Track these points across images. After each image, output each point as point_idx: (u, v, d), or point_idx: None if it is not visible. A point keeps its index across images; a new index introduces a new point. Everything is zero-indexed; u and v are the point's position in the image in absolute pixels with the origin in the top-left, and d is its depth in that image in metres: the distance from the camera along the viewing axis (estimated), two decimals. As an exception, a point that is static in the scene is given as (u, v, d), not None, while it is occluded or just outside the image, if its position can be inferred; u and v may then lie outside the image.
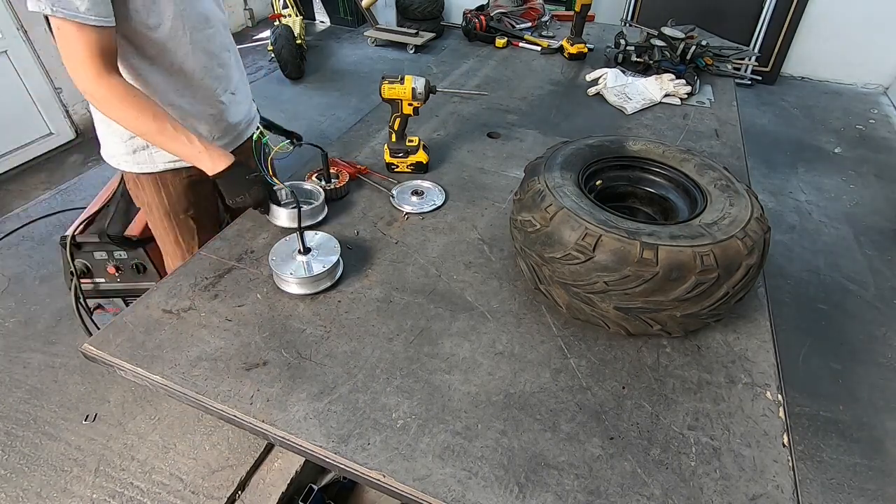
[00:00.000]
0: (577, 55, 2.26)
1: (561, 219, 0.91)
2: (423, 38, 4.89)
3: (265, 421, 0.84)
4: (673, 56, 2.06)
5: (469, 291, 1.09)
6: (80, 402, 1.91)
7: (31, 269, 2.49)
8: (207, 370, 0.92)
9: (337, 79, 4.57)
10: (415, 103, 1.36)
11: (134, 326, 1.00)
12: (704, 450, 0.81)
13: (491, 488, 0.76)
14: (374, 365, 0.93)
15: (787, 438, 0.83)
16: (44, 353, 2.09)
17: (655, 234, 0.86)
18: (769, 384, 0.92)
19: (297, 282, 1.05)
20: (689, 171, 1.08)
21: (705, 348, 0.99)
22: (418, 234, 1.25)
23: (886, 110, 4.19)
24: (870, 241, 2.81)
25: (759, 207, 0.96)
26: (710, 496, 0.76)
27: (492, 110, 1.85)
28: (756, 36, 4.25)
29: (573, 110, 1.88)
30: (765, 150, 3.60)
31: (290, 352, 0.95)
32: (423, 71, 2.14)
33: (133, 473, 1.69)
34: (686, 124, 1.79)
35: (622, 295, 0.88)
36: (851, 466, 1.79)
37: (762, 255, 0.90)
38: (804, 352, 2.18)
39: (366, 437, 0.82)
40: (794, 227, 2.90)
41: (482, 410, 0.86)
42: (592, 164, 1.11)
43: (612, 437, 0.83)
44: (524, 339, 0.99)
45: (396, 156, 1.44)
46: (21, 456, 1.74)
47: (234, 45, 1.36)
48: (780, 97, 4.36)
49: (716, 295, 0.87)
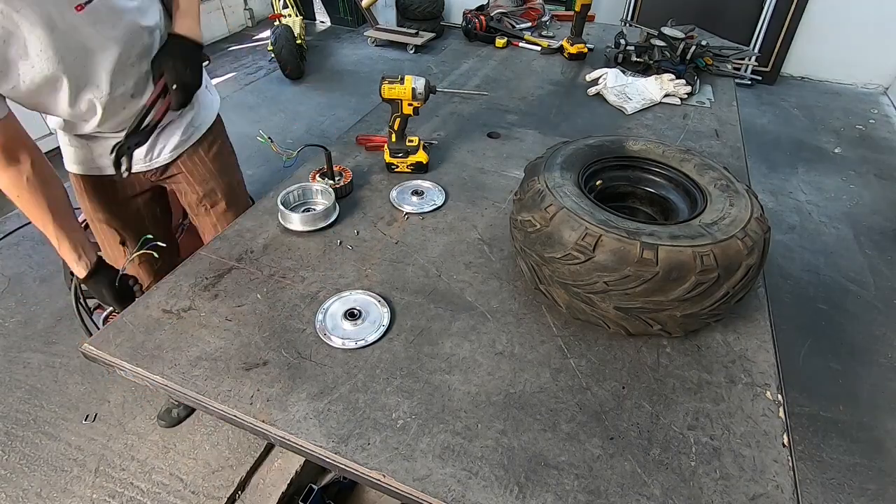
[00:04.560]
0: (577, 55, 2.26)
1: (561, 219, 0.91)
2: (423, 38, 4.89)
3: (265, 421, 0.84)
4: (673, 56, 2.06)
5: (469, 291, 1.09)
6: (80, 402, 1.92)
7: (31, 269, 2.49)
8: (207, 370, 0.92)
9: (337, 79, 4.57)
10: (415, 103, 1.36)
11: (134, 326, 1.00)
12: (704, 450, 0.81)
13: (491, 488, 0.76)
14: (373, 365, 0.93)
15: (787, 438, 0.83)
16: (44, 353, 2.09)
17: (655, 234, 0.86)
18: (769, 384, 0.92)
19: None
20: (689, 171, 1.08)
21: (705, 348, 0.99)
22: (418, 234, 1.25)
23: (886, 110, 4.19)
24: (870, 241, 2.81)
25: (759, 207, 0.96)
26: (710, 496, 0.76)
27: (492, 110, 1.85)
28: (756, 36, 4.25)
29: (573, 110, 1.88)
30: (765, 150, 3.60)
31: (289, 352, 0.95)
32: (423, 71, 2.14)
33: (133, 473, 1.69)
34: (686, 124, 1.79)
35: (622, 295, 0.88)
36: (852, 466, 1.79)
37: (762, 255, 0.90)
38: (804, 352, 2.18)
39: (366, 437, 0.82)
40: (794, 227, 2.90)
41: (482, 410, 0.86)
42: (592, 164, 1.11)
43: (612, 437, 0.83)
44: (524, 339, 0.99)
45: (396, 156, 1.44)
46: (21, 456, 1.74)
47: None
48: (781, 97, 4.36)
49: (716, 295, 0.87)
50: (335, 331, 0.99)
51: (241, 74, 4.59)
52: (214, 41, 5.23)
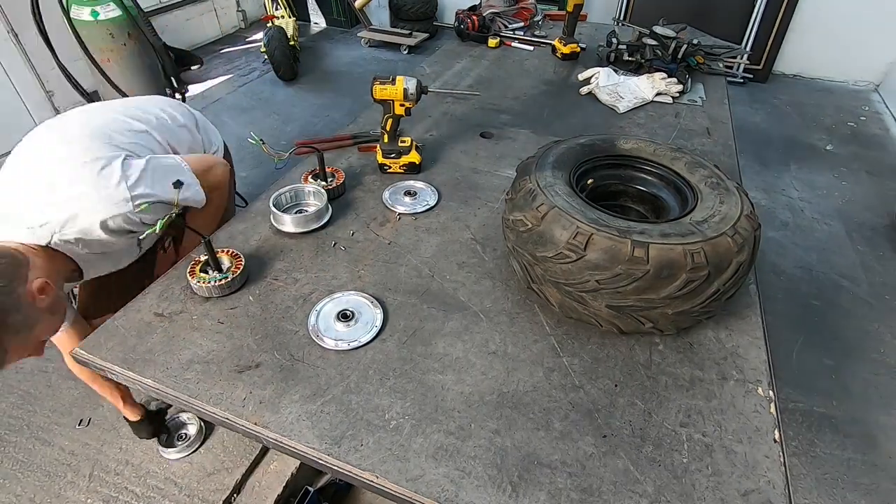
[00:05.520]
0: (569, 55, 2.27)
1: (552, 218, 0.91)
2: (417, 39, 4.88)
3: (258, 423, 0.84)
4: (664, 55, 2.06)
5: (462, 291, 1.09)
6: (73, 407, 1.90)
7: (24, 274, 2.47)
8: (199, 373, 0.91)
9: (331, 80, 4.56)
10: (406, 104, 1.36)
11: (125, 330, 0.99)
12: (697, 446, 0.82)
13: (484, 488, 0.76)
14: (366, 366, 0.93)
15: (778, 434, 0.83)
16: (36, 358, 2.08)
17: (646, 232, 0.87)
18: (760, 380, 0.92)
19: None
20: (680, 169, 1.09)
21: (697, 345, 0.99)
22: (411, 234, 1.25)
23: (877, 107, 4.22)
24: (862, 237, 2.83)
25: (750, 205, 0.96)
26: (703, 492, 0.76)
27: (484, 110, 1.85)
28: (748, 34, 4.27)
29: (565, 110, 1.88)
30: (757, 148, 3.62)
31: (282, 354, 0.95)
32: (417, 71, 2.14)
33: (127, 478, 1.68)
34: (678, 123, 1.80)
35: (614, 293, 0.88)
36: (845, 461, 1.80)
37: (752, 252, 0.91)
38: (797, 348, 2.19)
39: (359, 438, 0.82)
40: (786, 224, 2.91)
41: (475, 410, 0.86)
42: (584, 163, 1.11)
43: (605, 435, 0.83)
44: (517, 338, 0.99)
45: (389, 156, 1.43)
46: (14, 462, 1.73)
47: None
48: (773, 95, 4.38)
49: (707, 292, 0.88)
50: (328, 332, 0.99)
51: (235, 76, 4.58)
52: (207, 43, 5.21)
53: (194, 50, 4.78)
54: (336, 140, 1.57)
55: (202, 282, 1.04)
